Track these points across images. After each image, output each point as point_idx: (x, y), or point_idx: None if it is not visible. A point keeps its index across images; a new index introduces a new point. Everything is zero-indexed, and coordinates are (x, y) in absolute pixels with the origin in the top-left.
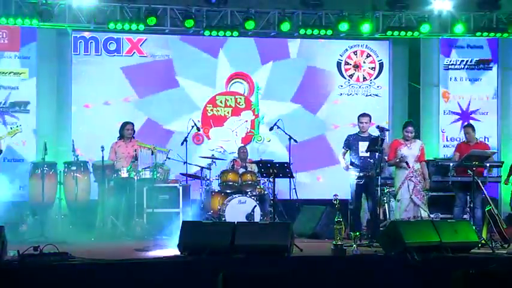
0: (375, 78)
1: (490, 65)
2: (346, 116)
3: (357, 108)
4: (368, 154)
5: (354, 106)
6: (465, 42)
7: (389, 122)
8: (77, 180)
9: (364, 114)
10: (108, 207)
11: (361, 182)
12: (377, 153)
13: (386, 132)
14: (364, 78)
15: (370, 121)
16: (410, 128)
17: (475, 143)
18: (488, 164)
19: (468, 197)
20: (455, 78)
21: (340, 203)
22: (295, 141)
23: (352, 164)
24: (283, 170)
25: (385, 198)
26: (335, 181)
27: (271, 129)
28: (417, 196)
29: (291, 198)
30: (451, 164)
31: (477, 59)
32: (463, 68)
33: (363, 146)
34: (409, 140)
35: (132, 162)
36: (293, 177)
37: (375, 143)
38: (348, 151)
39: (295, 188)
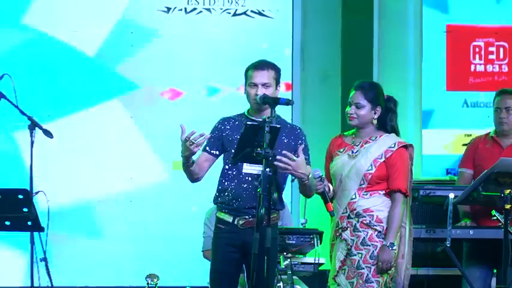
0: None
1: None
2: None
3: None
4: (259, 168)
5: None
6: None
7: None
8: None
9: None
10: None
11: (239, 243)
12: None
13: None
14: None
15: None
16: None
17: None
18: None
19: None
20: None
21: None
22: None
23: (218, 194)
24: None
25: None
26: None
27: None
28: (351, 279)
29: None
30: (451, 197)
31: None
32: None
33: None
34: (367, 136)
35: None
36: None
37: (251, 137)
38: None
39: None
